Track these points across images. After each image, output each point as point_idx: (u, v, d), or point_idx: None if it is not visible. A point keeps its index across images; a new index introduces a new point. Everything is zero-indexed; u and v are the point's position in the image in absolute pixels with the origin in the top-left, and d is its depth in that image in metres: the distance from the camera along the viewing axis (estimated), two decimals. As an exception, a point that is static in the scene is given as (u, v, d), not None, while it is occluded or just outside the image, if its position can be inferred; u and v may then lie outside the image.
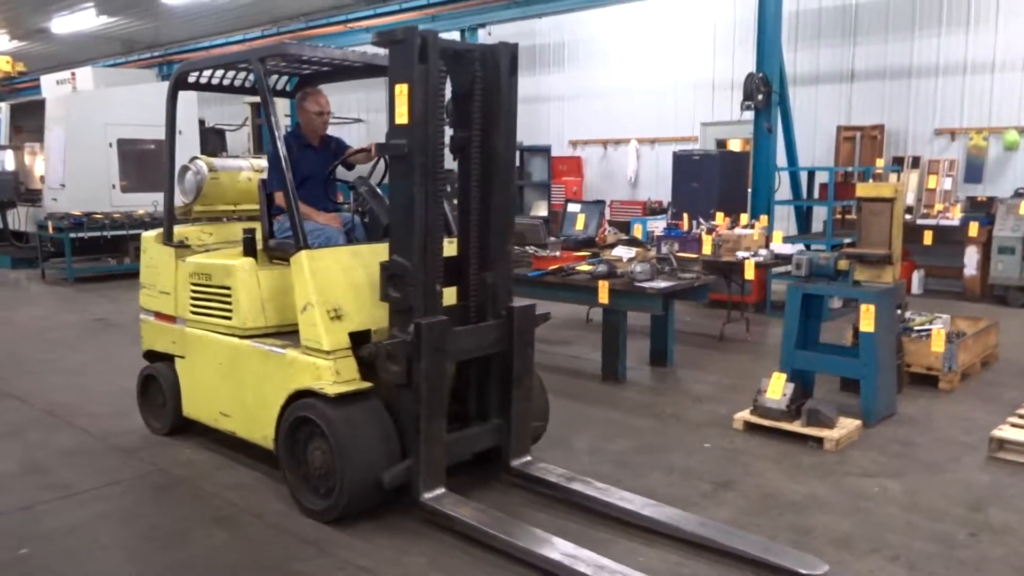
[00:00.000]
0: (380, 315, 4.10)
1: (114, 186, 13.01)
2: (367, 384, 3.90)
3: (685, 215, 9.27)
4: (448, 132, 3.95)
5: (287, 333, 4.43)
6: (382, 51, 3.92)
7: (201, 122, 14.28)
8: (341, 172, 5.03)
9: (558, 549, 3.40)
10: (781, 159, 10.32)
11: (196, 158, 5.24)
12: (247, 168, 5.42)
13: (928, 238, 10.02)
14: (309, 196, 4.78)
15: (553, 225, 11.73)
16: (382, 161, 4.57)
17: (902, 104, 11.20)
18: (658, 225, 9.39)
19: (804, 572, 3.33)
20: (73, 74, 14.53)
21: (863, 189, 5.84)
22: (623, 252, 7.37)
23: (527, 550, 3.41)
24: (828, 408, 5.19)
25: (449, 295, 4.12)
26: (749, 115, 9.84)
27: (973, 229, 9.83)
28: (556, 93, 14.96)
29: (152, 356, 5.20)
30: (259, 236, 4.64)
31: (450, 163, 3.91)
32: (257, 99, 4.96)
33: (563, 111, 14.99)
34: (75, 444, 5.02)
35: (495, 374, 4.17)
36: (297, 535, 3.77)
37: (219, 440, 4.86)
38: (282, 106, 5.17)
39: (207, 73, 4.87)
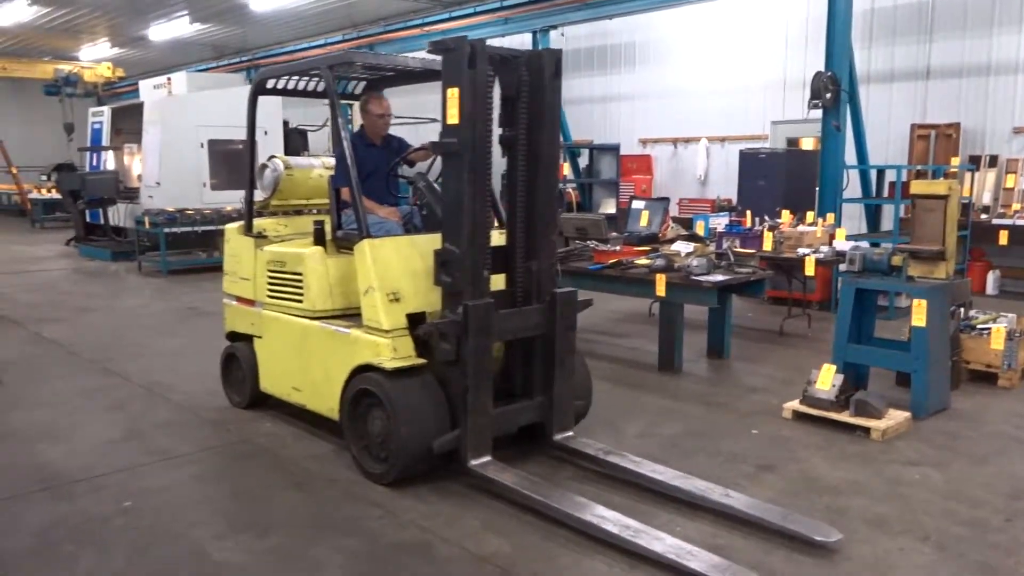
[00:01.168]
0: (435, 299, 4.42)
1: (205, 184, 13.81)
2: (421, 360, 4.23)
3: (748, 212, 9.33)
4: (497, 131, 4.24)
5: (352, 315, 4.81)
6: (439, 57, 4.24)
7: (285, 123, 14.97)
8: (403, 168, 5.39)
9: (590, 511, 3.66)
10: (852, 158, 10.25)
11: (273, 157, 5.69)
12: (319, 166, 5.84)
13: (1004, 238, 9.80)
14: (372, 191, 5.14)
15: (619, 222, 11.92)
16: (439, 158, 4.92)
17: (980, 102, 10.94)
18: (721, 222, 9.47)
19: (818, 539, 3.49)
20: (168, 79, 15.43)
21: (917, 187, 5.87)
22: (682, 247, 7.53)
23: (561, 511, 3.71)
24: (877, 399, 5.26)
25: (499, 281, 4.42)
26: (818, 113, 9.82)
27: None
28: (627, 92, 15.12)
29: (233, 337, 5.67)
30: (327, 228, 5.01)
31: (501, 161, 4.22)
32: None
33: (633, 110, 15.13)
34: (171, 416, 5.52)
35: (539, 354, 4.45)
36: (365, 498, 4.12)
37: (293, 413, 5.29)
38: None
39: (284, 79, 5.30)
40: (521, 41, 14.12)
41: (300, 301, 4.91)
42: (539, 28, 13.84)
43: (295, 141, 15.82)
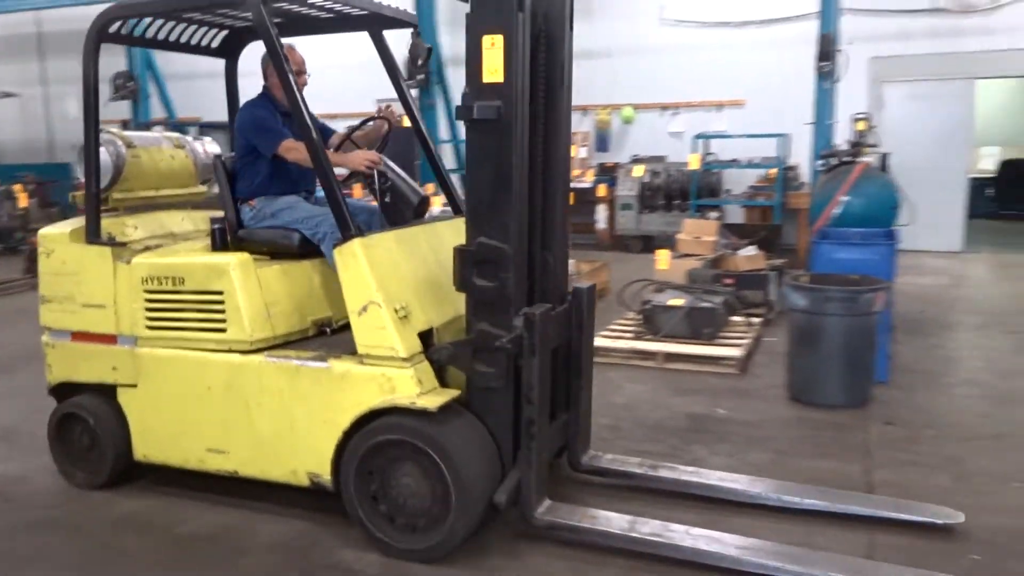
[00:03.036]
0: (438, 311, 3.49)
1: None
2: (457, 392, 3.27)
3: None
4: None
5: (292, 344, 3.62)
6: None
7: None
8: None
9: (717, 543, 3.11)
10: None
11: (105, 131, 4.06)
12: (167, 144, 4.34)
13: (571, 200, 11.08)
14: (291, 175, 3.94)
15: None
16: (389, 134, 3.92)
17: None
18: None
19: (941, 522, 3.35)
20: None
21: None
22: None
23: (686, 548, 3.10)
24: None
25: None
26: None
27: (602, 190, 11.49)
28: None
29: (66, 390, 4.00)
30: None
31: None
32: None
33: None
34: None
35: (561, 365, 3.71)
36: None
37: (189, 484, 3.85)
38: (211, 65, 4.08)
39: (146, 21, 3.76)
40: None
41: (222, 330, 3.54)
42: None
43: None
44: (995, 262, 10.16)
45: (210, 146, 4.66)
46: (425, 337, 3.40)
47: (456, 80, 10.96)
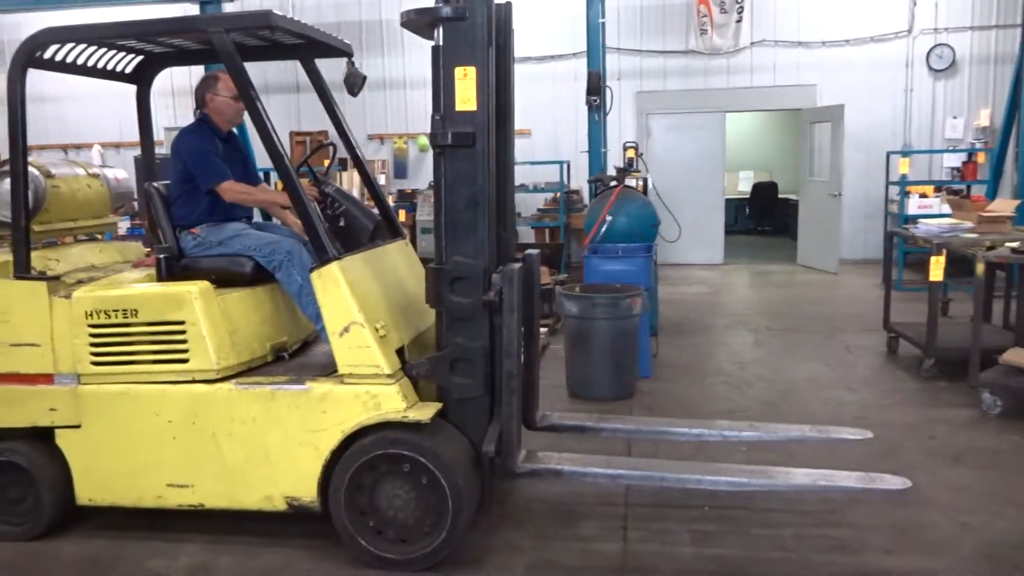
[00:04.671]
0: (406, 329, 3.66)
1: None
2: (440, 404, 3.42)
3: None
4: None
5: (255, 371, 3.62)
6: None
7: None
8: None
9: (698, 470, 3.55)
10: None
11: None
12: (83, 174, 4.15)
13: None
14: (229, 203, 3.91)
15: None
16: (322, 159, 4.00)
17: (399, 114, 12.57)
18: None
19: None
20: None
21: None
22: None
23: (671, 477, 3.50)
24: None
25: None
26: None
27: (402, 215, 11.92)
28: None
29: (-11, 437, 3.71)
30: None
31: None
32: None
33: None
34: None
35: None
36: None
37: (132, 526, 3.70)
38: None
39: (74, 48, 3.60)
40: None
41: (182, 361, 3.46)
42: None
43: None
44: (748, 271, 11.49)
45: (119, 173, 4.50)
46: (398, 354, 3.53)
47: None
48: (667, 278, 10.71)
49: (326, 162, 4.23)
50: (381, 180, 12.31)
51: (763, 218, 15.58)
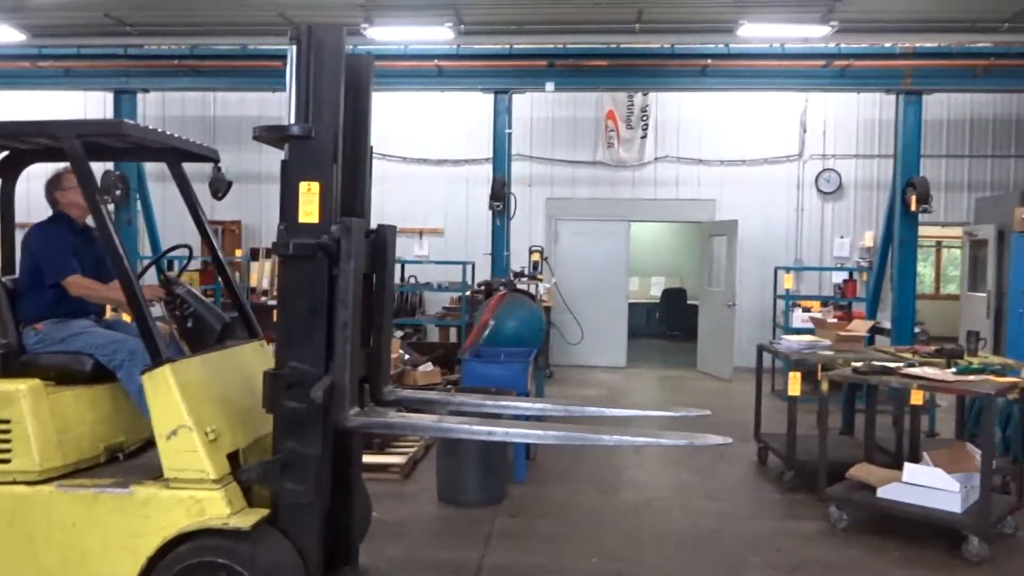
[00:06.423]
0: (243, 432, 3.66)
1: None
2: (266, 511, 3.41)
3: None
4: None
5: (83, 472, 3.57)
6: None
7: None
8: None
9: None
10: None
11: None
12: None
13: (274, 316, 11.57)
14: (79, 298, 3.92)
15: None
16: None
17: (255, 203, 12.65)
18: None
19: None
20: None
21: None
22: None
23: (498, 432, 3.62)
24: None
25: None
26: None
27: None
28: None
29: None
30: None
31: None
32: None
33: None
34: None
35: (365, 297, 3.71)
36: None
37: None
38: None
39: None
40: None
41: (4, 461, 3.40)
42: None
43: None
44: (649, 375, 11.77)
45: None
46: (231, 458, 3.53)
47: (156, 193, 10.52)
48: (567, 380, 10.92)
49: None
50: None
51: (673, 322, 16.04)
